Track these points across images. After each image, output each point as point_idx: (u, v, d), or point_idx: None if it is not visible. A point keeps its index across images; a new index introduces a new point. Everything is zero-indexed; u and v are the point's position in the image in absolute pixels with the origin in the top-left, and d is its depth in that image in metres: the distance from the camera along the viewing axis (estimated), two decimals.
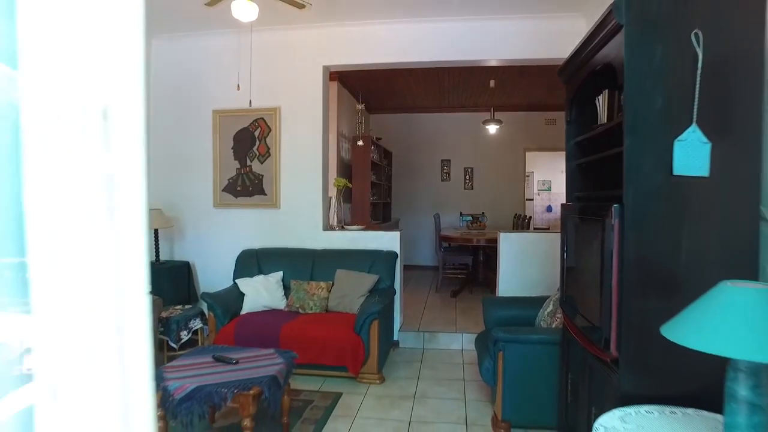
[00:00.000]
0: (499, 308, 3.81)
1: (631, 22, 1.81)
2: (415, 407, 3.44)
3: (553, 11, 4.33)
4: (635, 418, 1.67)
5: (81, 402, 0.55)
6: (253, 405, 2.54)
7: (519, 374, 3.03)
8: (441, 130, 8.88)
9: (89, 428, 0.55)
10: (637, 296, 1.84)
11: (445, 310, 5.76)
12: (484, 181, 8.92)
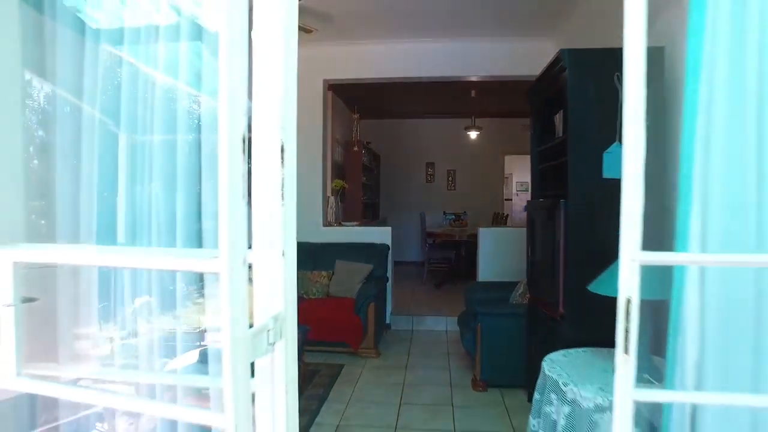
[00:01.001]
0: (479, 291, 4.46)
1: (572, 65, 2.45)
2: (407, 374, 4.05)
3: (526, 35, 4.99)
4: (573, 354, 2.30)
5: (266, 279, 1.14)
6: None
7: (494, 342, 3.66)
8: (426, 135, 9.52)
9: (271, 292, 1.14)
10: (576, 269, 2.49)
11: (431, 299, 6.40)
12: (466, 183, 9.59)
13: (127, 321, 1.31)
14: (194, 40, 1.40)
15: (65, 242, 1.40)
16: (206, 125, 1.38)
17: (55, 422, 1.37)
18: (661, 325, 1.45)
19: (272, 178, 1.14)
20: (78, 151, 1.44)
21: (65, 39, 1.43)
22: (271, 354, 1.14)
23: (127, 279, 1.32)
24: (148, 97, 1.42)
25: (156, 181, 1.40)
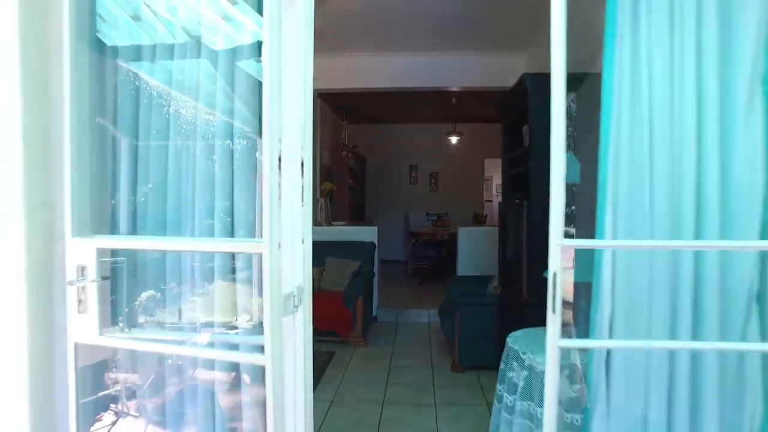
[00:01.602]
0: (458, 285, 4.90)
1: (532, 88, 2.90)
2: (393, 360, 4.46)
3: (501, 50, 5.45)
4: (533, 332, 2.73)
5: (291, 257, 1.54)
6: None
7: (470, 330, 4.09)
8: (409, 139, 9.95)
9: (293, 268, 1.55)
10: (537, 261, 2.92)
11: (415, 294, 6.83)
12: (448, 185, 10.05)
13: (185, 293, 1.70)
14: (229, 70, 1.79)
15: (125, 233, 1.78)
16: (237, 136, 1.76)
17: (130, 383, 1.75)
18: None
19: (295, 186, 1.55)
20: (131, 152, 1.82)
21: (123, 65, 1.81)
22: (294, 315, 1.54)
23: (185, 261, 1.71)
24: (192, 114, 1.80)
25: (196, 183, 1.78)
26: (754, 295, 1.65)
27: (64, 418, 1.63)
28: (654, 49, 1.66)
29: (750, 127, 1.62)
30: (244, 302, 1.71)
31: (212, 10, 1.82)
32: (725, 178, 1.65)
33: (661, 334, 1.67)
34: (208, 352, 1.65)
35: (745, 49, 1.62)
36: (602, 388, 1.76)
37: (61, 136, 1.60)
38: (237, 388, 1.70)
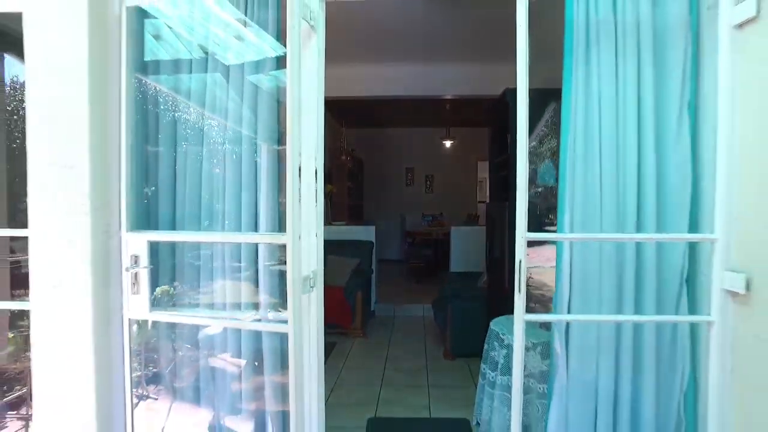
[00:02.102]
0: (451, 280, 5.26)
1: (513, 102, 3.25)
2: (390, 349, 4.81)
3: (489, 61, 5.80)
4: (513, 318, 3.09)
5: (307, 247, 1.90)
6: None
7: (461, 320, 4.45)
8: (405, 143, 10.32)
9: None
10: None
11: (411, 290, 7.19)
12: (443, 186, 10.41)
13: (218, 277, 2.06)
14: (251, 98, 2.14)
15: (165, 228, 2.13)
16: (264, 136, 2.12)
17: None
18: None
19: (310, 190, 1.91)
20: (171, 159, 2.18)
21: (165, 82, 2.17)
22: (309, 294, 1.90)
23: (217, 252, 2.07)
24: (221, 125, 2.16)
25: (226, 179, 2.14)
26: (684, 278, 2.02)
27: (120, 377, 1.99)
28: (603, 77, 2.04)
29: (680, 142, 1.99)
30: (267, 285, 2.07)
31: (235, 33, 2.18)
32: (661, 182, 2.02)
33: (609, 310, 2.04)
34: (242, 323, 2.01)
35: (676, 80, 1.99)
36: (562, 357, 2.13)
37: (115, 149, 1.96)
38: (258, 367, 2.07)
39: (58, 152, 1.89)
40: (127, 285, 1.96)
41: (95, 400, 1.92)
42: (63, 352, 1.91)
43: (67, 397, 1.92)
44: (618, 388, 2.06)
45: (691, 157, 1.99)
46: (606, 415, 2.06)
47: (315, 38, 1.89)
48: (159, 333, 2.17)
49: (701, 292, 1.99)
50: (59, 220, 1.90)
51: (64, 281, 1.89)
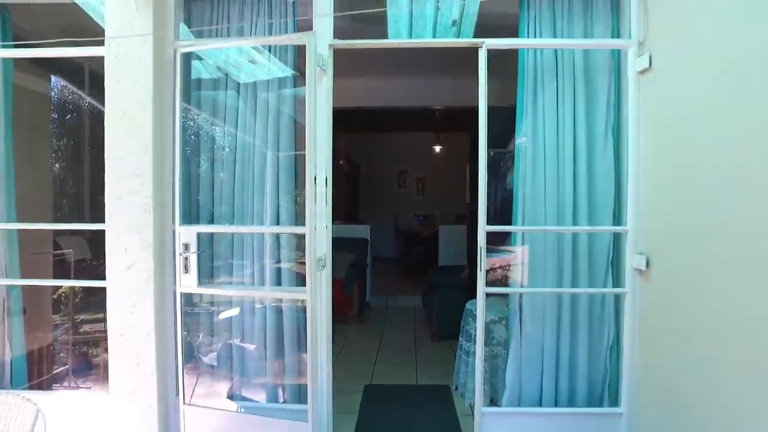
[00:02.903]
0: (438, 272, 5.86)
1: None
2: (384, 333, 5.40)
3: (472, 76, 6.42)
4: (488, 299, 3.69)
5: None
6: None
7: (446, 307, 5.03)
8: (398, 147, 10.90)
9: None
10: None
11: (402, 284, 7.78)
12: (433, 188, 11.01)
13: (248, 261, 2.64)
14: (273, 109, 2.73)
15: (206, 222, 2.71)
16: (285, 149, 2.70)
17: None
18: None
19: (322, 193, 2.49)
20: (210, 168, 2.76)
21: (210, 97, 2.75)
22: (321, 271, 2.49)
23: (247, 240, 2.65)
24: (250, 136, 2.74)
25: (255, 183, 2.72)
26: (609, 260, 2.62)
27: (172, 337, 2.57)
28: (546, 105, 2.64)
29: (605, 156, 2.60)
30: (287, 262, 2.65)
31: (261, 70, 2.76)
32: (591, 187, 2.62)
33: (552, 285, 2.64)
34: (273, 292, 2.59)
35: (602, 108, 2.60)
36: (517, 324, 2.72)
37: (170, 162, 2.54)
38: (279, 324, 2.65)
39: (130, 165, 2.47)
40: (179, 266, 2.54)
41: (155, 354, 2.51)
42: (132, 319, 2.49)
43: (135, 352, 2.50)
44: (559, 345, 2.66)
45: (614, 168, 2.60)
46: (550, 366, 2.66)
47: (325, 78, 2.48)
48: (206, 303, 2.76)
49: (621, 270, 2.59)
50: (129, 217, 2.48)
51: (134, 264, 2.47)
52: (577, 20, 2.58)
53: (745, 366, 1.64)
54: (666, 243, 2.23)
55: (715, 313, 1.82)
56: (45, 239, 3.96)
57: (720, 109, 1.80)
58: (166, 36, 2.54)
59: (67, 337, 3.83)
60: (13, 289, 2.88)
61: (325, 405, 2.55)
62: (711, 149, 1.86)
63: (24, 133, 3.38)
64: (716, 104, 1.82)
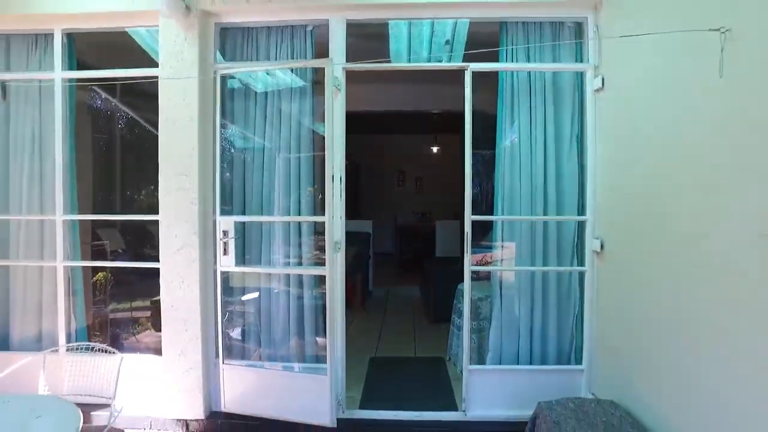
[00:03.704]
0: (436, 263, 6.41)
1: None
2: (385, 318, 5.95)
3: None
4: (475, 282, 4.24)
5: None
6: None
7: (441, 293, 5.57)
8: (397, 148, 11.45)
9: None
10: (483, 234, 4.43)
11: (402, 276, 8.33)
12: (431, 187, 11.56)
13: (275, 246, 3.19)
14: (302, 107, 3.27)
15: (239, 213, 3.25)
16: (304, 151, 3.24)
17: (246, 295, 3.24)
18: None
19: (337, 189, 3.03)
20: (242, 167, 3.30)
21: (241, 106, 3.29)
22: (337, 253, 3.03)
23: (275, 229, 3.19)
24: (275, 139, 3.28)
25: (280, 180, 3.26)
26: (575, 244, 3.17)
27: (212, 309, 3.11)
28: (521, 116, 3.18)
29: (570, 159, 3.15)
30: (308, 248, 3.20)
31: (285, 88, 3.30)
32: (559, 185, 3.17)
33: (526, 264, 3.18)
34: (297, 270, 3.14)
35: (567, 119, 3.14)
36: (497, 299, 3.27)
37: (210, 163, 3.08)
38: (301, 296, 3.20)
39: (178, 166, 3.01)
40: (219, 249, 3.08)
41: (200, 321, 3.05)
42: (180, 293, 3.04)
43: (184, 320, 3.05)
44: (533, 316, 3.21)
45: (578, 168, 3.14)
46: (526, 333, 3.21)
47: (340, 95, 3.03)
48: (242, 280, 3.30)
49: (583, 252, 3.14)
50: (179, 209, 3.03)
51: (183, 248, 3.02)
52: (547, 47, 3.13)
53: (666, 328, 2.20)
54: (614, 229, 2.78)
55: (645, 286, 2.38)
56: (86, 231, 4.48)
57: (650, 122, 2.35)
58: (208, 60, 3.09)
59: (106, 315, 4.40)
60: (76, 271, 3.41)
61: (339, 365, 3.10)
62: (643, 152, 2.41)
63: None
64: (647, 118, 2.38)
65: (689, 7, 2.02)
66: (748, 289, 1.63)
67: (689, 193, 2.02)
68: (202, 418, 3.09)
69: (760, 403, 1.59)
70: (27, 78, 3.28)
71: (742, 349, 1.67)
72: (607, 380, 2.85)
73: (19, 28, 3.24)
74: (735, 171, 1.72)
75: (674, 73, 2.13)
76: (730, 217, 1.74)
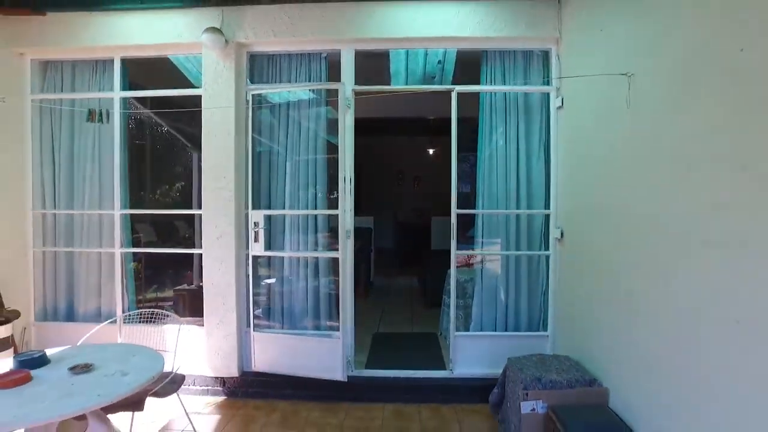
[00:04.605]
0: (431, 254, 7.10)
1: None
2: (386, 303, 6.64)
3: None
4: (462, 268, 4.92)
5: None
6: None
7: (435, 281, 6.27)
8: (396, 149, 12.12)
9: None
10: None
11: (401, 268, 9.02)
12: (429, 186, 12.24)
13: (294, 233, 3.88)
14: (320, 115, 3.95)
15: (267, 208, 3.94)
16: (319, 156, 3.93)
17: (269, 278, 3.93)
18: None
19: (348, 188, 3.73)
20: (268, 169, 3.99)
21: (264, 118, 3.98)
22: (348, 239, 3.73)
23: (295, 219, 3.88)
24: (296, 144, 3.96)
25: (300, 180, 3.95)
26: (542, 233, 3.86)
27: (244, 286, 3.80)
28: (497, 128, 3.87)
29: (539, 164, 3.83)
30: (324, 236, 3.89)
31: (305, 103, 3.98)
32: (529, 185, 3.85)
33: (503, 250, 3.87)
34: (314, 254, 3.83)
35: (536, 131, 3.83)
36: (479, 279, 3.96)
37: (243, 167, 3.77)
38: (317, 275, 3.89)
39: (219, 168, 3.70)
40: (251, 238, 3.77)
41: (235, 296, 3.74)
42: (219, 273, 3.73)
43: (222, 295, 3.74)
44: (508, 292, 3.90)
45: (545, 171, 3.82)
46: (502, 308, 3.90)
47: (350, 112, 3.72)
48: (268, 263, 3.98)
49: (549, 240, 3.83)
50: (218, 204, 3.71)
51: (222, 236, 3.71)
52: (519, 72, 3.81)
53: (606, 299, 2.89)
54: (570, 220, 3.47)
55: (591, 266, 3.07)
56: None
57: (590, 135, 3.04)
58: (241, 82, 3.77)
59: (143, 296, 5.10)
60: (128, 257, 4.09)
61: (349, 331, 3.79)
62: (586, 159, 3.10)
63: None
64: (588, 132, 3.07)
65: (611, 55, 2.72)
66: (662, 264, 2.33)
67: (614, 191, 2.71)
68: (237, 376, 3.78)
69: (662, 348, 2.29)
70: (91, 97, 3.96)
71: (657, 311, 2.37)
72: (565, 342, 3.54)
73: (84, 57, 3.92)
74: (638, 172, 2.42)
75: (602, 101, 2.83)
76: (639, 208, 2.44)
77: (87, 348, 2.77)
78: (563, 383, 2.90)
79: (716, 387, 1.83)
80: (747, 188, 1.67)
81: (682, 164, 2.06)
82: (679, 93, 2.10)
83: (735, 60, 1.73)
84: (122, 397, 2.15)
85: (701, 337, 1.93)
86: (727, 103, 1.78)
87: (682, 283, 2.06)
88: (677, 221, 2.10)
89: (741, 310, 1.70)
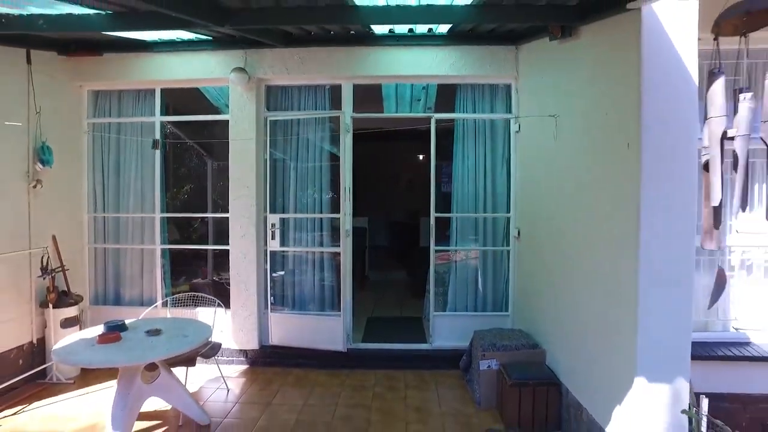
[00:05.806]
0: (421, 252, 7.99)
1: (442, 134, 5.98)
2: (379, 294, 7.52)
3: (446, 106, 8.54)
4: (441, 262, 5.81)
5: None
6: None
7: (424, 273, 7.15)
8: (391, 153, 12.99)
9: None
10: None
11: (393, 264, 9.91)
12: (421, 188, 13.09)
13: (305, 234, 4.75)
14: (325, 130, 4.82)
15: (281, 212, 4.81)
16: (324, 163, 4.80)
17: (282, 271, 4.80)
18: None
19: (348, 195, 4.62)
20: (282, 179, 4.86)
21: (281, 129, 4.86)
22: (348, 237, 4.63)
23: (304, 220, 4.75)
24: (304, 152, 4.84)
25: (306, 186, 4.82)
26: (505, 232, 4.75)
27: (263, 275, 4.68)
28: (467, 145, 4.75)
29: (502, 176, 4.73)
30: (328, 235, 4.77)
31: (311, 124, 4.86)
32: (494, 193, 4.75)
33: (470, 246, 4.76)
34: (320, 249, 4.70)
35: (500, 148, 4.72)
36: (454, 269, 4.85)
37: (263, 177, 4.64)
38: (322, 266, 4.77)
39: (243, 180, 4.57)
40: (269, 236, 4.64)
41: (255, 283, 4.62)
42: (243, 264, 4.60)
43: (245, 282, 4.61)
44: (477, 280, 4.79)
45: (507, 182, 4.72)
46: (472, 294, 4.80)
47: (349, 135, 4.59)
48: (282, 257, 4.85)
49: (510, 238, 4.73)
50: (241, 208, 4.59)
51: (245, 234, 4.58)
52: (486, 101, 4.71)
53: (547, 282, 3.80)
54: (524, 222, 4.37)
55: (536, 259, 3.97)
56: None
57: (533, 156, 3.94)
58: (260, 109, 4.64)
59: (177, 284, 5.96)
60: (165, 252, 4.95)
61: (348, 311, 4.68)
62: (532, 175, 4.00)
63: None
64: (533, 153, 3.96)
65: (549, 97, 3.63)
66: (583, 259, 3.23)
67: (545, 204, 3.62)
68: (257, 348, 4.65)
69: (567, 317, 3.20)
70: (134, 121, 4.82)
71: (566, 292, 3.28)
72: (520, 319, 4.44)
73: (130, 88, 4.78)
74: (556, 191, 3.32)
75: (542, 132, 3.73)
76: (557, 217, 3.34)
77: (151, 320, 3.65)
78: (512, 347, 3.81)
79: (588, 338, 2.75)
80: (610, 208, 2.59)
81: (575, 185, 2.97)
82: (581, 134, 3.01)
83: (604, 118, 2.64)
84: (186, 351, 3.04)
85: (580, 306, 2.84)
86: (599, 146, 2.69)
87: (579, 274, 2.98)
88: (578, 227, 3.01)
89: (608, 289, 2.61)
